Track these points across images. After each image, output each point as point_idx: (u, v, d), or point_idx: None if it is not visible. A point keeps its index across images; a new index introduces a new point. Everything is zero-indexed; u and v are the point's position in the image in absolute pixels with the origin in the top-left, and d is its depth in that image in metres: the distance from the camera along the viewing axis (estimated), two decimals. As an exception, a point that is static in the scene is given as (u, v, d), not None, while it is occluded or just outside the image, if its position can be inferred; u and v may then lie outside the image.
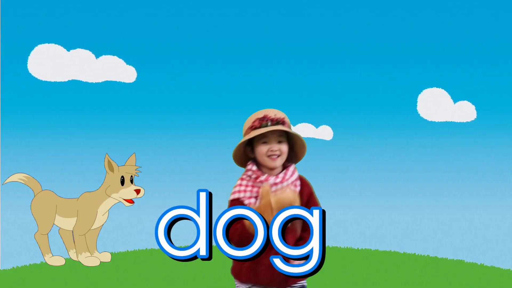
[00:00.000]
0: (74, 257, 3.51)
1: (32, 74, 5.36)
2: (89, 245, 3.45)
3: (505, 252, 3.95)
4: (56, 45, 5.50)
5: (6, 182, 3.44)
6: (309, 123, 4.98)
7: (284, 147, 2.30)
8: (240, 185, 2.34)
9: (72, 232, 3.45)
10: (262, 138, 2.31)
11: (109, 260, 3.49)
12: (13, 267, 3.41)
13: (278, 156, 2.25)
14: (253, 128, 2.28)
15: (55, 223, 3.45)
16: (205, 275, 3.24)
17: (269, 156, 2.28)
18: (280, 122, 2.28)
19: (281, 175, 2.22)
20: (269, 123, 2.27)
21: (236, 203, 2.25)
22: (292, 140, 2.33)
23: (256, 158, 2.35)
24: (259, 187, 2.29)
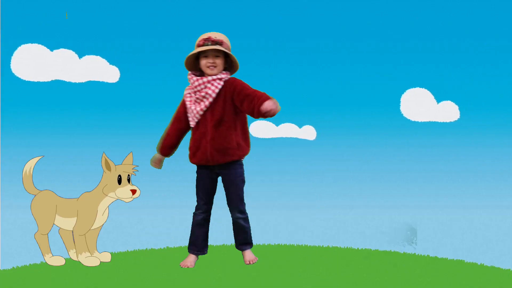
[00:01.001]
0: (74, 257, 3.51)
1: (15, 74, 5.37)
2: (89, 245, 3.46)
3: (505, 252, 3.96)
4: (39, 45, 5.51)
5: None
6: (292, 123, 4.99)
7: (219, 61, 3.41)
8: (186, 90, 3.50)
9: (72, 232, 3.45)
10: (204, 53, 3.40)
11: (109, 260, 3.49)
12: (13, 267, 3.41)
13: (215, 67, 3.39)
14: (198, 46, 3.33)
15: (55, 223, 3.45)
16: (205, 275, 3.24)
17: (208, 66, 3.41)
18: (219, 43, 3.41)
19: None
20: (209, 43, 3.36)
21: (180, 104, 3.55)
22: (228, 57, 3.43)
23: (201, 68, 3.47)
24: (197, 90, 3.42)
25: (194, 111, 3.41)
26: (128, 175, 3.33)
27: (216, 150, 3.40)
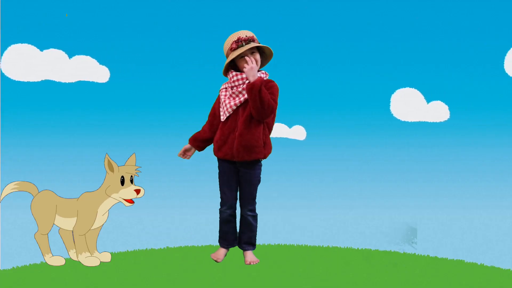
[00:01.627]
0: (74, 257, 3.51)
1: (5, 74, 5.38)
2: (89, 245, 3.46)
3: (505, 252, 3.96)
4: (29, 45, 5.51)
5: (1, 199, 3.44)
6: (282, 123, 4.99)
7: (257, 56, 3.41)
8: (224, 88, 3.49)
9: (72, 232, 3.45)
10: (240, 54, 3.36)
11: (109, 260, 3.49)
12: (13, 267, 3.41)
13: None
14: (232, 49, 3.31)
15: (55, 223, 3.45)
16: (205, 275, 3.25)
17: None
18: (251, 40, 3.36)
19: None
20: (243, 43, 3.33)
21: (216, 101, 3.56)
22: (261, 49, 3.42)
23: (239, 69, 3.44)
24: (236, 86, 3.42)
25: (228, 106, 3.41)
26: (131, 176, 3.33)
27: (243, 147, 3.41)
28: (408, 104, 4.82)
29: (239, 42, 3.34)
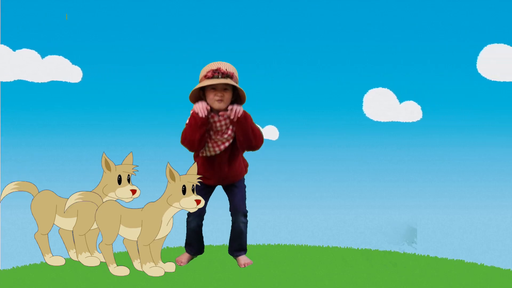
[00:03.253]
0: (74, 257, 3.51)
1: None
2: (89, 245, 3.45)
3: (505, 252, 3.96)
4: (2, 45, 5.49)
5: (1, 199, 3.43)
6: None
7: (228, 94, 3.21)
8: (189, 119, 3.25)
9: (72, 232, 3.45)
10: (212, 85, 3.18)
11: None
12: (13, 267, 3.41)
13: (222, 101, 3.20)
14: (206, 77, 3.13)
15: (55, 223, 3.45)
16: (205, 275, 3.25)
17: (216, 100, 3.20)
18: (230, 76, 3.18)
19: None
20: (220, 76, 3.14)
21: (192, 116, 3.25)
22: (236, 90, 3.22)
23: (206, 100, 3.24)
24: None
25: (215, 146, 3.36)
26: (128, 175, 3.32)
27: (229, 180, 3.48)
28: (381, 104, 4.81)
29: (215, 73, 3.18)
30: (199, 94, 3.28)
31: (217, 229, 3.88)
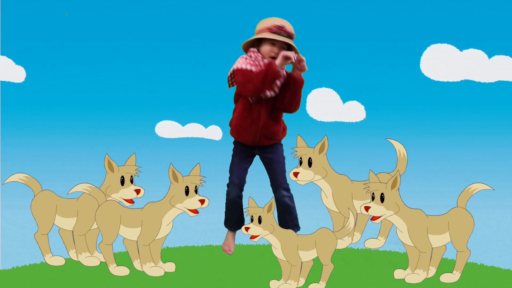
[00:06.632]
0: (74, 257, 3.51)
1: None
2: (89, 245, 3.46)
3: (505, 252, 3.96)
4: None
5: (6, 182, 3.44)
6: (198, 123, 4.98)
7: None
8: (246, 58, 3.28)
9: (72, 232, 3.45)
10: (272, 40, 3.22)
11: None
12: (13, 267, 3.41)
13: (276, 58, 3.19)
14: (271, 30, 3.15)
15: (55, 223, 3.45)
16: (205, 275, 3.25)
17: (271, 56, 3.25)
18: (291, 37, 3.23)
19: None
20: (284, 35, 3.19)
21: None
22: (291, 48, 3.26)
23: (260, 51, 3.29)
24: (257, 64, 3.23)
25: (266, 93, 3.33)
26: (131, 176, 3.33)
27: (265, 137, 3.41)
28: (324, 104, 4.81)
29: (281, 30, 3.22)
30: (252, 44, 3.32)
31: (217, 229, 3.88)
